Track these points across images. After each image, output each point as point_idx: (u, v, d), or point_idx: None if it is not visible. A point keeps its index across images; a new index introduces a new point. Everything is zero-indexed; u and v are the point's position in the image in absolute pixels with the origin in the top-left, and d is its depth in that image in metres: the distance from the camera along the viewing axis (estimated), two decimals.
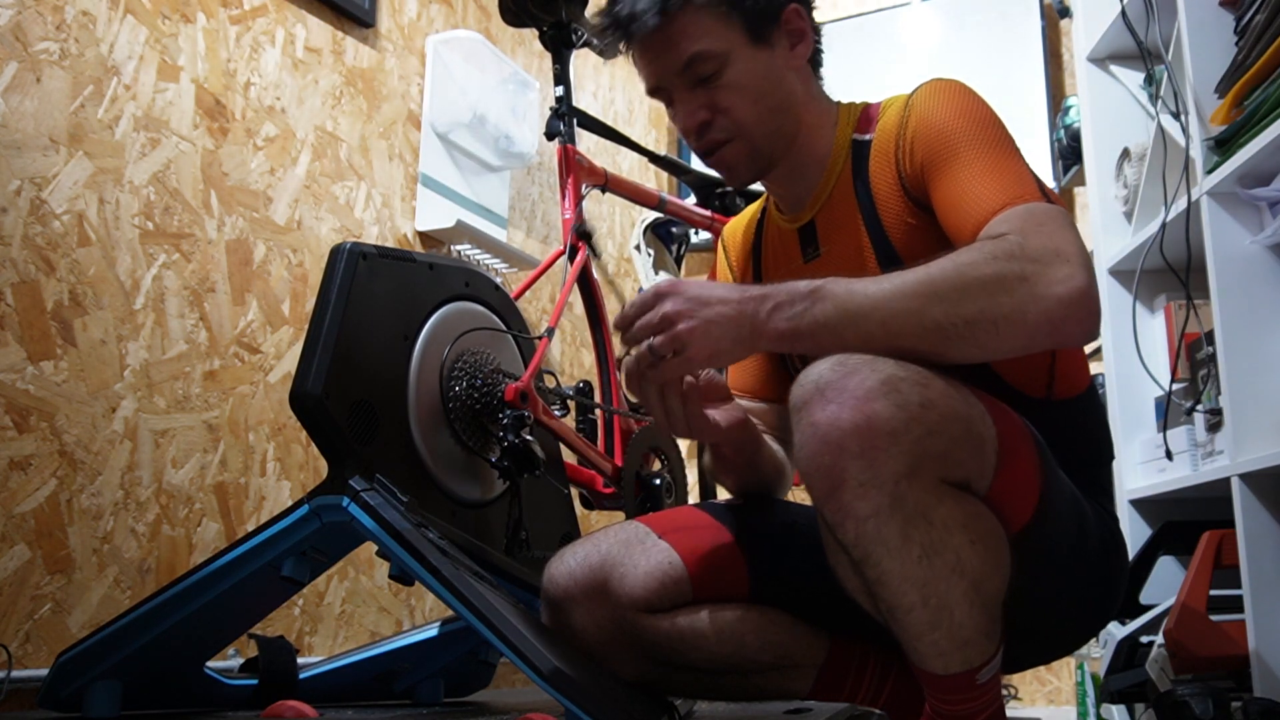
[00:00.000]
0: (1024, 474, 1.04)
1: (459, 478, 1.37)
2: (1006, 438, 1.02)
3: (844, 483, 0.92)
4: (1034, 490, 1.05)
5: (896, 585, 0.95)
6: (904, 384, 0.93)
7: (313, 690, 1.52)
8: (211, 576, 1.23)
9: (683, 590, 1.18)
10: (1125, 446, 2.15)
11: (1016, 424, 1.06)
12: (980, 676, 1.00)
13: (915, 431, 0.92)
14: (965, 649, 0.97)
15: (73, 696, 1.28)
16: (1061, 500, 1.10)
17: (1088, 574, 1.16)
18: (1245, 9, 1.74)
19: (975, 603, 0.96)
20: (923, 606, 0.95)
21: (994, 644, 1.00)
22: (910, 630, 0.97)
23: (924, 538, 0.94)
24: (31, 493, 1.52)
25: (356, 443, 1.20)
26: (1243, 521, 1.63)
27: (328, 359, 1.20)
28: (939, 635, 0.97)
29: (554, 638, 1.15)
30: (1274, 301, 1.73)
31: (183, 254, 1.79)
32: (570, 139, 1.82)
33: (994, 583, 0.99)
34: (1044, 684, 2.79)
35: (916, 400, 0.93)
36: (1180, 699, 1.55)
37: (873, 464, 0.91)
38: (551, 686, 1.04)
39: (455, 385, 1.39)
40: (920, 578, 0.94)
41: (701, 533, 1.22)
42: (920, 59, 3.14)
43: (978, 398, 1.01)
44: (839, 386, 0.93)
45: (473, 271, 1.50)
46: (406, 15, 2.40)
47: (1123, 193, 2.24)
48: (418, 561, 1.14)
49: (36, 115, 1.58)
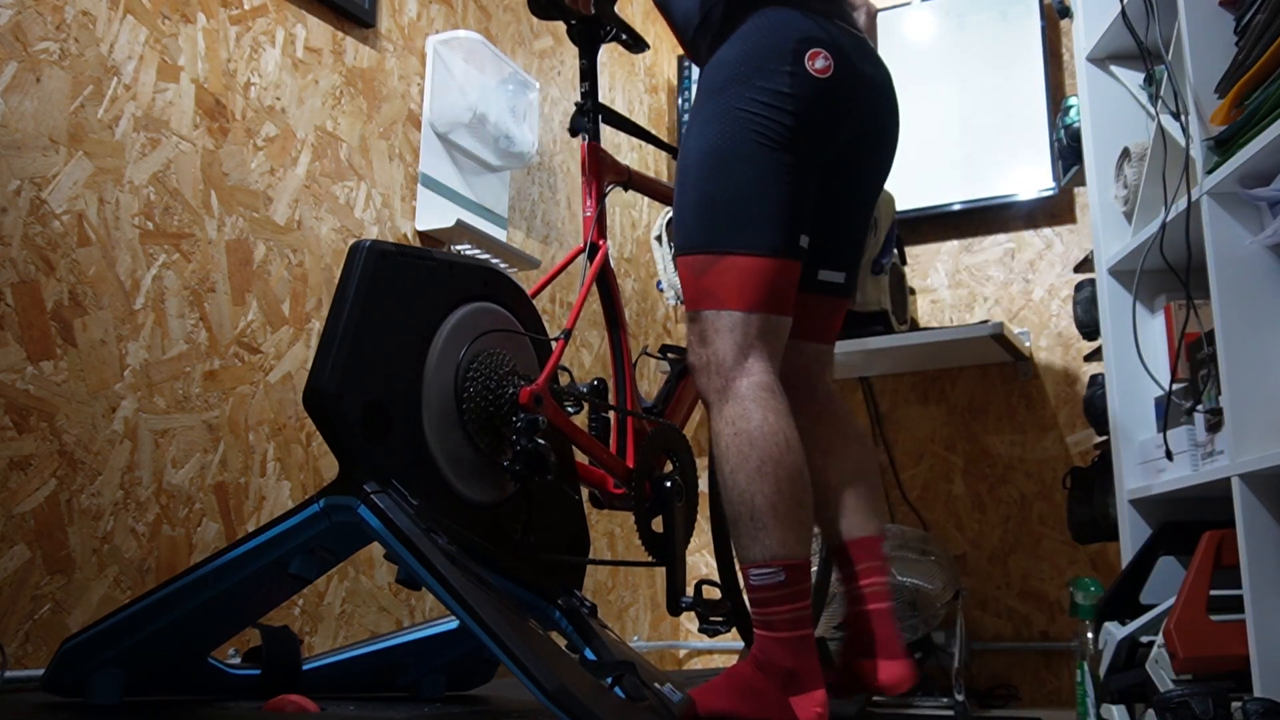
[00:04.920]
0: None
1: (470, 479, 1.36)
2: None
3: None
4: None
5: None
6: None
7: (316, 682, 1.52)
8: (221, 570, 1.23)
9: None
10: (1125, 446, 2.15)
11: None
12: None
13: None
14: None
15: (75, 683, 1.28)
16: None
17: None
18: (1245, 9, 1.74)
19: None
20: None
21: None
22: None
23: None
24: (31, 493, 1.52)
25: (369, 443, 1.20)
26: (1243, 521, 1.63)
27: (343, 358, 1.19)
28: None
29: (560, 654, 1.15)
30: (1274, 301, 1.73)
31: (183, 254, 1.79)
32: (595, 136, 1.79)
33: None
34: (1044, 684, 2.79)
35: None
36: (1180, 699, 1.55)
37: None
38: (555, 705, 1.04)
39: (470, 387, 1.38)
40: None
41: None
42: (920, 59, 3.14)
43: None
44: None
45: (492, 272, 1.49)
46: (406, 15, 2.40)
47: (1123, 193, 2.24)
48: (426, 569, 1.14)
49: (36, 115, 1.58)
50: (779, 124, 1.49)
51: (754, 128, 1.49)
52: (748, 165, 1.49)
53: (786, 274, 1.51)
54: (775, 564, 1.42)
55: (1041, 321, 2.97)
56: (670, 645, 3.20)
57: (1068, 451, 2.86)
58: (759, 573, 1.43)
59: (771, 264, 1.49)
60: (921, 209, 3.09)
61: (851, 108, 1.56)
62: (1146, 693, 1.75)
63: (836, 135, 1.56)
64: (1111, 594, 1.97)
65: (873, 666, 1.59)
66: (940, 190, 3.08)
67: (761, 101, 1.49)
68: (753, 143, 1.49)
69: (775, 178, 1.49)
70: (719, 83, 1.53)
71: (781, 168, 1.50)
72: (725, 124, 1.50)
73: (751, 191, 1.49)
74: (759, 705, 1.41)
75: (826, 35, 1.53)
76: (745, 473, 1.42)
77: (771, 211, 1.49)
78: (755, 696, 1.41)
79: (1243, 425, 1.68)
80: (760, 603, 1.44)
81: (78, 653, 1.26)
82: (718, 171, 1.50)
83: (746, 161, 1.49)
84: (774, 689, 1.41)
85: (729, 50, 1.55)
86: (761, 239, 1.49)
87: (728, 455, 1.44)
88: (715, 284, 1.49)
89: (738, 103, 1.50)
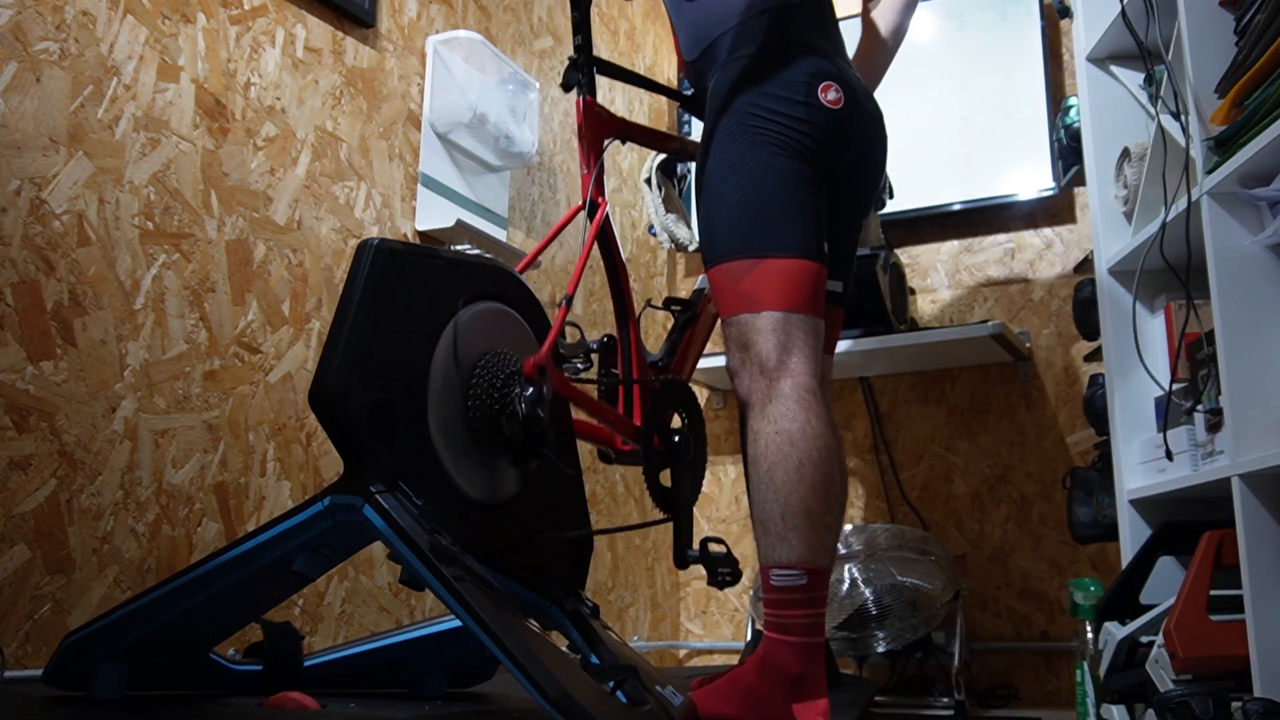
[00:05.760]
0: None
1: (476, 479, 1.36)
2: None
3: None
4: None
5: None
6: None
7: (317, 678, 1.52)
8: (225, 566, 1.23)
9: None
10: (1125, 446, 2.15)
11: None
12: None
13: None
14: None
15: (77, 677, 1.28)
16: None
17: None
18: (1245, 9, 1.74)
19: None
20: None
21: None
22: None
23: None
24: (31, 493, 1.52)
25: (374, 442, 1.20)
26: (1243, 521, 1.63)
27: (349, 357, 1.19)
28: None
29: (562, 658, 1.15)
30: (1274, 301, 1.73)
31: (183, 254, 1.79)
32: (591, 90, 1.75)
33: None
34: (1044, 684, 2.79)
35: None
36: (1180, 699, 1.55)
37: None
38: (557, 710, 1.04)
39: (476, 385, 1.38)
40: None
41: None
42: (920, 59, 3.13)
43: None
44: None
45: (500, 270, 1.49)
46: (406, 15, 2.40)
47: (1123, 193, 2.24)
48: (429, 571, 1.13)
49: (36, 115, 1.58)
50: (798, 142, 1.57)
51: (776, 142, 1.57)
52: (774, 175, 1.56)
53: (820, 277, 1.58)
54: (800, 567, 1.43)
55: (1041, 321, 2.97)
56: (670, 645, 3.20)
57: (1068, 451, 2.86)
58: (782, 574, 1.43)
59: (808, 266, 1.55)
60: (921, 209, 3.09)
61: (856, 135, 1.67)
62: (1146, 693, 1.75)
63: (844, 159, 1.65)
64: (1111, 594, 1.97)
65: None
66: (940, 190, 3.08)
67: (780, 122, 1.57)
68: (777, 155, 1.56)
69: (800, 186, 1.57)
70: (736, 101, 1.60)
71: (804, 178, 1.58)
72: (748, 138, 1.58)
73: (782, 199, 1.55)
74: (760, 711, 1.41)
75: (835, 70, 1.65)
76: (784, 471, 1.44)
77: (801, 217, 1.56)
78: (757, 702, 1.41)
79: (1243, 425, 1.68)
80: (778, 604, 1.44)
81: (80, 647, 1.27)
82: (747, 182, 1.56)
83: (773, 172, 1.56)
84: (778, 694, 1.41)
85: (743, 75, 1.62)
86: (796, 242, 1.55)
87: (766, 453, 1.46)
88: (754, 286, 1.54)
89: (758, 120, 1.58)
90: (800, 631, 1.43)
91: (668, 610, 3.20)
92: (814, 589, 1.43)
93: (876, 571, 2.57)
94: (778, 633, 1.43)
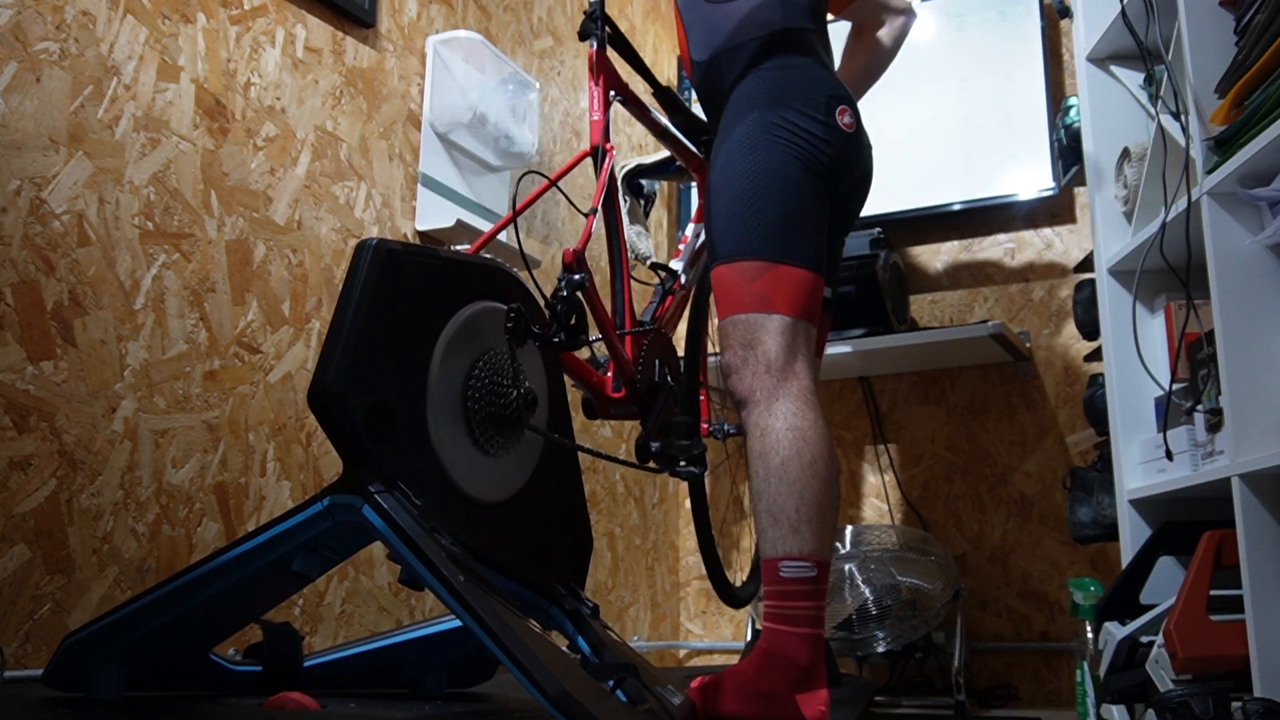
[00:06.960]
0: None
1: (475, 480, 1.36)
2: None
3: None
4: None
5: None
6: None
7: (316, 679, 1.52)
8: (224, 567, 1.23)
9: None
10: (1125, 446, 2.15)
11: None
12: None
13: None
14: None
15: (77, 677, 1.28)
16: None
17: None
18: (1245, 9, 1.74)
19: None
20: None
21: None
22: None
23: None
24: (31, 493, 1.52)
25: (373, 442, 1.20)
26: (1243, 521, 1.63)
27: (349, 357, 1.19)
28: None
29: (562, 658, 1.15)
30: (1274, 301, 1.73)
31: (183, 254, 1.79)
32: (602, 44, 1.84)
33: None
34: (1044, 684, 2.79)
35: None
36: (1180, 699, 1.55)
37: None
38: (557, 709, 1.04)
39: (475, 385, 1.38)
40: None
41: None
42: (920, 59, 3.13)
43: None
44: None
45: (500, 271, 1.49)
46: (406, 15, 2.40)
47: (1123, 193, 2.24)
48: (429, 571, 1.13)
49: (36, 115, 1.58)
50: (816, 159, 1.64)
51: (799, 156, 1.63)
52: (795, 187, 1.63)
53: (820, 288, 1.65)
54: (811, 559, 1.46)
55: (1041, 321, 2.97)
56: (670, 645, 3.20)
57: (1068, 451, 2.86)
58: (793, 565, 1.47)
59: (816, 279, 1.62)
60: (921, 209, 3.09)
61: (859, 160, 1.76)
62: (1146, 693, 1.75)
63: (848, 179, 1.74)
64: (1111, 594, 1.97)
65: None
66: (940, 190, 3.08)
67: (803, 138, 1.64)
68: (798, 167, 1.63)
69: (814, 201, 1.65)
70: (764, 110, 1.66)
71: (818, 193, 1.66)
72: (772, 145, 1.64)
73: (800, 211, 1.63)
74: (766, 704, 1.41)
75: (848, 95, 1.74)
76: (799, 465, 1.48)
77: (814, 231, 1.64)
78: (762, 696, 1.42)
79: (1243, 425, 1.68)
80: (786, 596, 1.47)
81: (80, 648, 1.26)
82: (770, 189, 1.62)
83: (794, 184, 1.63)
84: (784, 686, 1.42)
85: (773, 86, 1.69)
86: (808, 254, 1.62)
87: (779, 447, 1.50)
88: (767, 289, 1.59)
89: (785, 131, 1.64)
90: (808, 623, 1.46)
91: (668, 610, 3.20)
92: (822, 581, 1.48)
93: (876, 571, 2.57)
94: (785, 624, 1.45)
